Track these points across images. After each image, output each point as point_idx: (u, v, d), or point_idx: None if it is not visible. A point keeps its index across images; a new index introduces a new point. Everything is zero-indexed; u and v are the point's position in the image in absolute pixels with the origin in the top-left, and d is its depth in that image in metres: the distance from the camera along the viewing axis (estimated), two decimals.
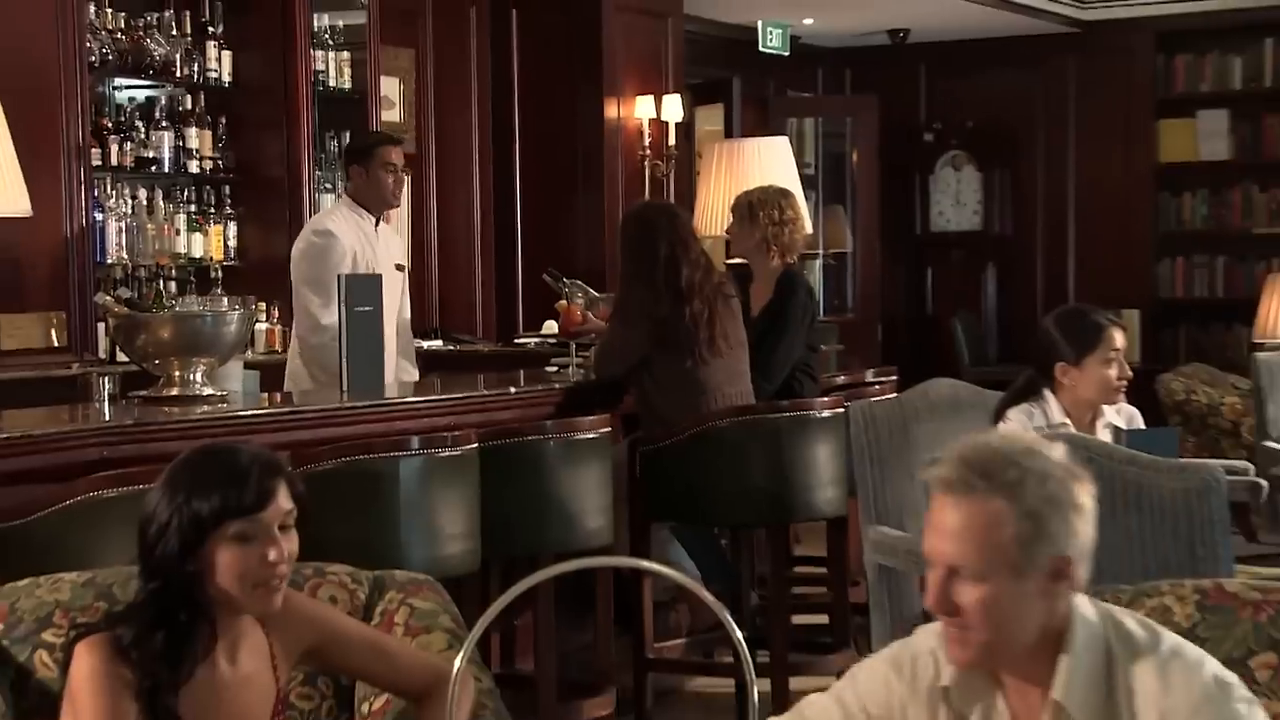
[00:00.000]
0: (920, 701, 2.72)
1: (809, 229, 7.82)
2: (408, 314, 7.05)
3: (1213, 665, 2.61)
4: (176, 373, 5.27)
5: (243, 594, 2.98)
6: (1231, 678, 2.60)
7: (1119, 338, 5.34)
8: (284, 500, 3.01)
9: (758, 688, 2.72)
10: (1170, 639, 2.64)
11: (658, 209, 7.33)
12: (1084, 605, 2.63)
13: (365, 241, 6.71)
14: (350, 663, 3.26)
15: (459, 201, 10.14)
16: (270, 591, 2.99)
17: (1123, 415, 5.43)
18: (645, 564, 2.67)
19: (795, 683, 6.00)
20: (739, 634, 2.35)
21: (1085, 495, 2.60)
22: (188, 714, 2.98)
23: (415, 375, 7.07)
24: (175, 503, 2.96)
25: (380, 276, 6.35)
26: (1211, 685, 2.56)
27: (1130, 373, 5.39)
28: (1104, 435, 5.16)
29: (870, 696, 2.76)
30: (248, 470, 2.99)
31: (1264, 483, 6.23)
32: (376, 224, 6.88)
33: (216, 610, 3.01)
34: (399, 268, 7.00)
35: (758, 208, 7.13)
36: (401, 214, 9.63)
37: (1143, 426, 5.53)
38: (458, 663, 2.35)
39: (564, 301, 7.51)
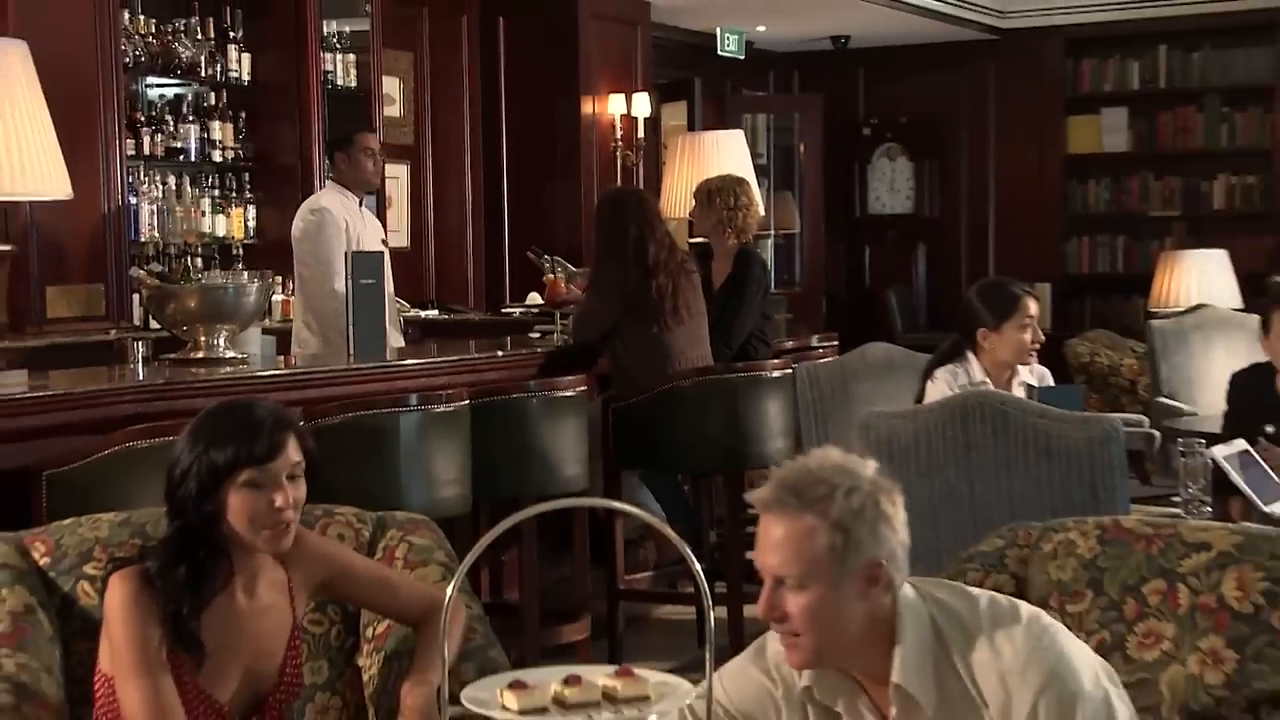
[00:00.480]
0: (793, 703, 2.71)
1: (762, 212, 7.82)
2: (391, 287, 7.01)
3: (1023, 610, 2.63)
4: (202, 338, 5.26)
5: (253, 534, 2.97)
6: (1037, 613, 2.62)
7: (1033, 306, 5.35)
8: (293, 452, 2.99)
9: (715, 614, 2.73)
10: (983, 601, 2.64)
11: (627, 194, 7.32)
12: (908, 594, 2.62)
13: (353, 218, 6.69)
14: (358, 594, 3.26)
15: (452, 187, 10.14)
16: (277, 534, 2.99)
17: (1035, 374, 5.45)
18: (617, 505, 2.68)
19: (749, 610, 6.01)
20: (699, 567, 2.34)
21: (892, 504, 2.59)
22: (209, 639, 2.98)
23: (400, 341, 7.05)
24: (196, 451, 2.95)
25: (382, 254, 6.35)
26: (1028, 633, 2.57)
27: (1042, 337, 5.40)
28: (1019, 392, 5.17)
29: (744, 702, 2.76)
30: (261, 424, 2.98)
31: (1157, 433, 6.25)
32: (360, 203, 6.85)
33: (232, 548, 3.00)
34: (383, 242, 6.95)
35: (716, 194, 7.13)
36: (400, 199, 9.64)
37: (1052, 384, 5.55)
38: (450, 591, 2.34)
39: (550, 276, 7.52)
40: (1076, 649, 2.60)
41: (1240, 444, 4.71)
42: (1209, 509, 4.41)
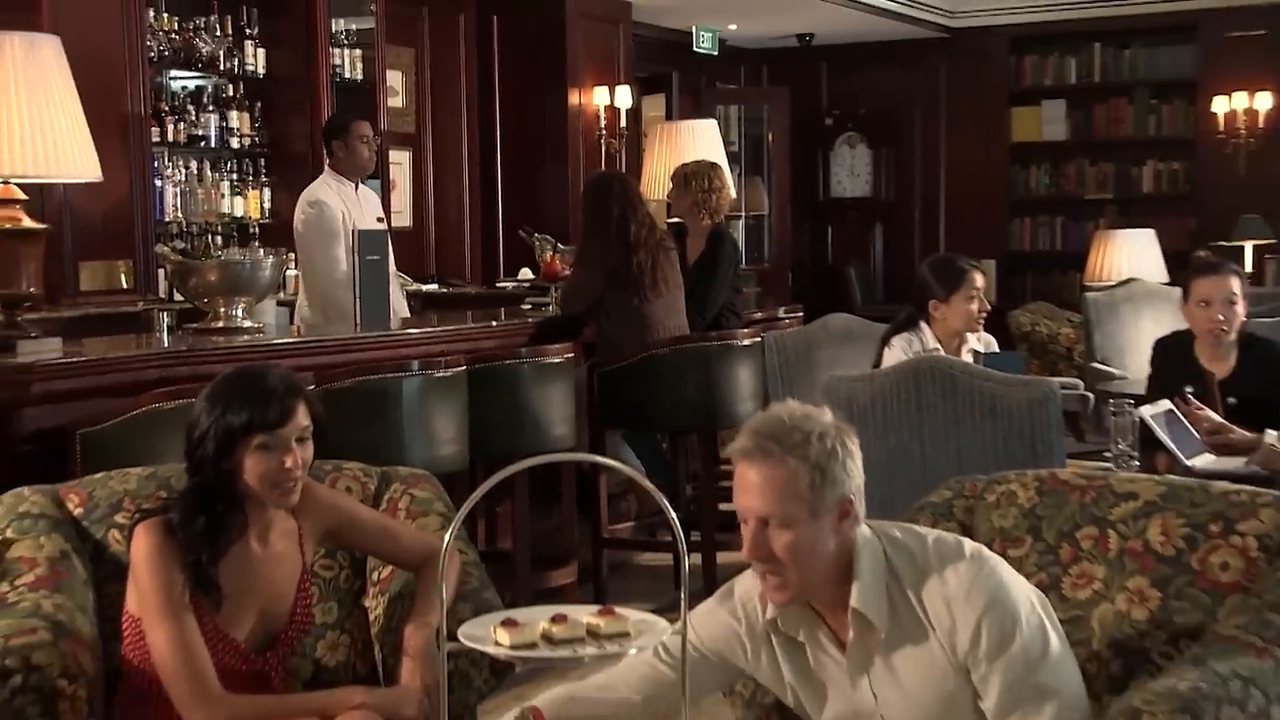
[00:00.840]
0: (757, 638, 2.74)
1: (733, 195, 7.84)
2: (393, 264, 6.99)
3: (966, 545, 2.66)
4: (221, 309, 5.24)
5: (263, 491, 2.98)
6: (979, 548, 2.66)
7: (979, 279, 5.35)
8: (302, 417, 3.00)
9: (690, 560, 2.73)
10: (930, 538, 2.67)
11: (611, 177, 7.30)
12: (865, 532, 2.65)
13: (348, 203, 6.62)
14: (363, 542, 3.26)
15: (450, 172, 10.13)
16: (286, 491, 3.00)
17: (981, 342, 5.45)
18: (601, 459, 2.68)
19: (721, 557, 6.05)
20: (675, 518, 2.34)
21: (853, 444, 2.62)
22: (226, 583, 2.99)
23: (406, 311, 7.04)
24: (213, 415, 2.96)
25: (385, 232, 6.33)
26: (970, 564, 2.60)
27: (988, 307, 5.41)
28: (966, 357, 5.18)
29: (713, 640, 2.79)
30: (273, 392, 2.98)
31: (1091, 395, 6.27)
32: (356, 188, 6.79)
33: (246, 501, 3.01)
34: (379, 220, 6.92)
35: (692, 178, 7.12)
36: (403, 182, 9.62)
37: (996, 351, 5.55)
38: (447, 539, 2.34)
39: (549, 254, 7.52)
40: (1014, 579, 2.63)
41: (1165, 404, 4.72)
42: (1136, 463, 4.42)
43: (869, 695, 2.65)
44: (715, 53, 12.78)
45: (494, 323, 6.46)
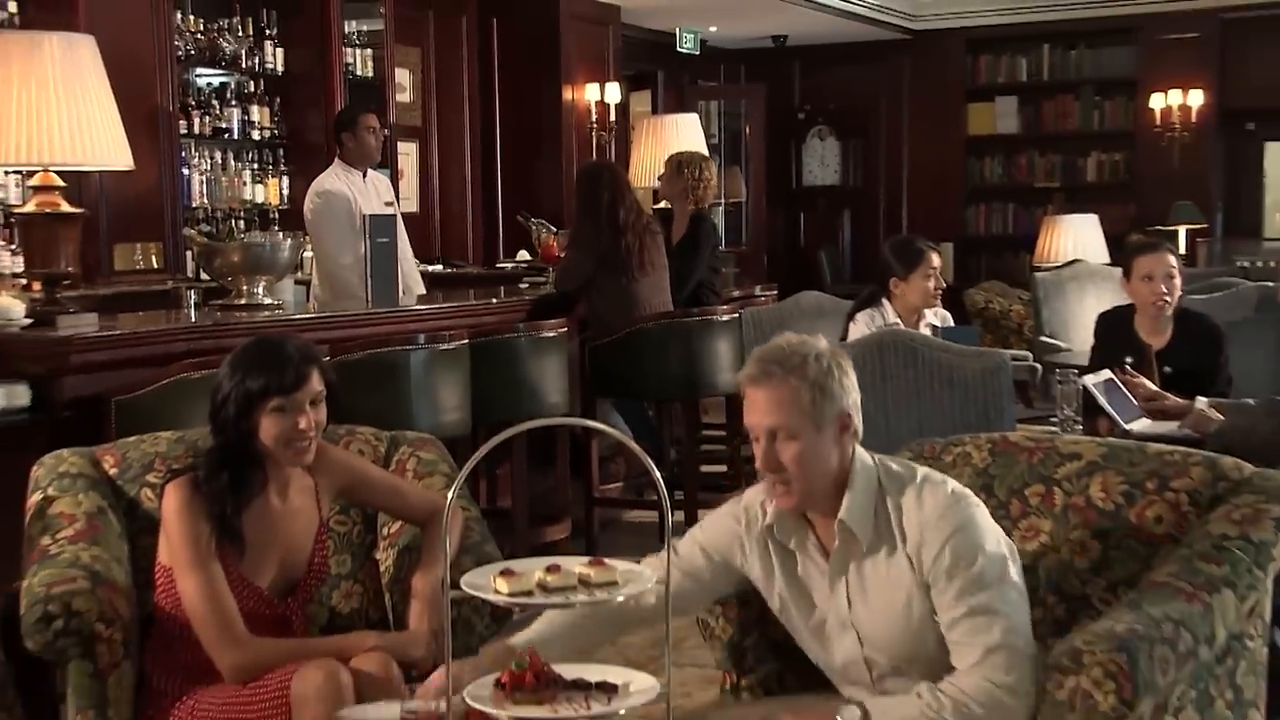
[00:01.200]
0: (753, 541, 2.78)
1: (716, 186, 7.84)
2: (408, 247, 6.96)
3: (952, 483, 2.69)
4: (244, 287, 5.23)
5: (279, 450, 2.99)
6: (966, 491, 2.68)
7: (936, 259, 5.37)
8: (316, 383, 3.00)
9: (674, 517, 2.74)
10: (922, 471, 2.72)
11: (602, 166, 7.29)
12: (862, 454, 2.70)
13: (355, 191, 6.56)
14: (374, 499, 3.27)
15: (454, 161, 10.09)
16: (300, 451, 3.00)
17: (938, 317, 5.47)
18: (592, 424, 2.68)
19: (702, 513, 6.03)
20: (660, 478, 2.34)
21: (848, 365, 2.69)
22: (249, 534, 3.00)
23: (422, 289, 7.02)
24: (234, 381, 2.97)
25: (395, 216, 6.31)
26: (950, 497, 2.64)
27: (944, 285, 5.42)
28: (925, 331, 5.19)
29: (716, 540, 2.84)
30: (289, 359, 2.99)
31: (1039, 366, 6.28)
32: (364, 176, 6.73)
33: (266, 459, 3.01)
34: (388, 205, 6.88)
35: (685, 165, 7.12)
36: (411, 171, 9.60)
37: (952, 325, 5.57)
38: (450, 497, 2.35)
39: (544, 237, 7.53)
40: (987, 519, 2.66)
41: (1106, 373, 4.73)
42: (1080, 427, 4.44)
43: (844, 601, 2.68)
44: (697, 52, 12.74)
45: (494, 300, 6.45)
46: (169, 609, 2.99)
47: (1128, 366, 4.80)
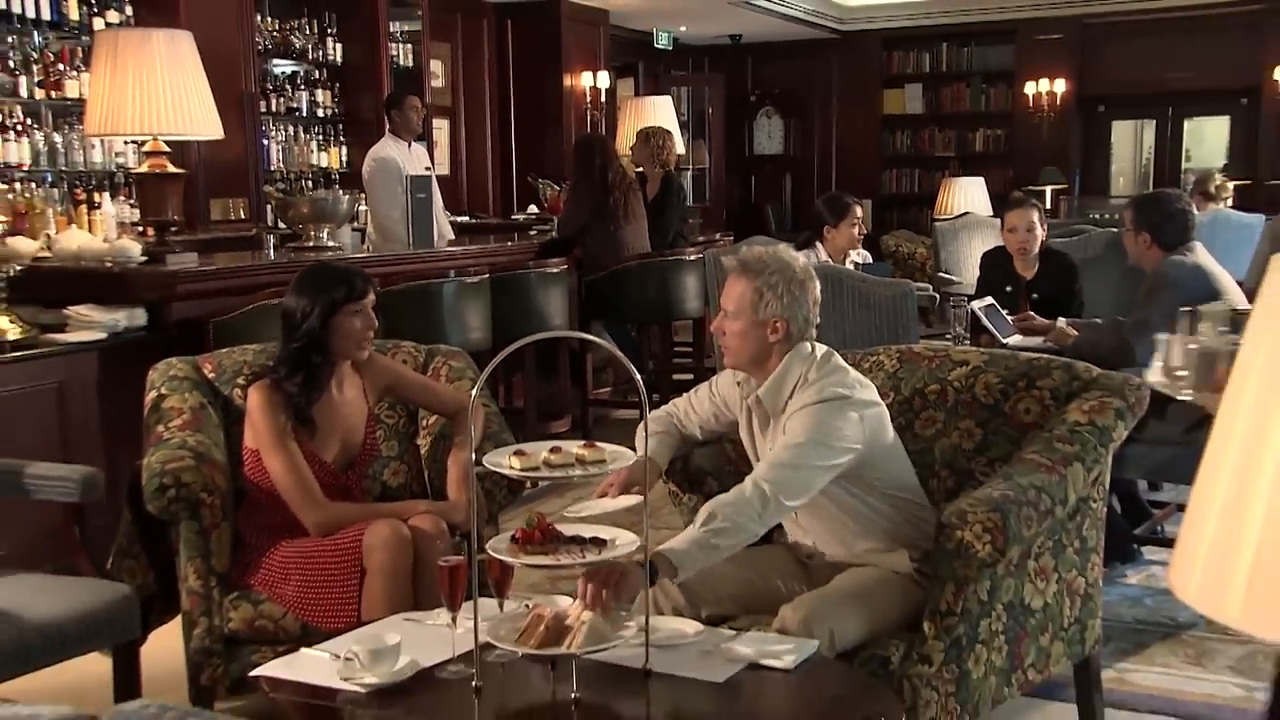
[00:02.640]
0: (739, 390, 2.80)
1: (681, 151, 7.78)
2: (441, 201, 6.91)
3: (852, 374, 2.66)
4: (312, 233, 5.19)
5: (351, 347, 3.00)
6: (847, 393, 2.59)
7: (859, 211, 5.35)
8: (372, 295, 3.02)
9: (653, 415, 2.74)
10: (838, 361, 2.68)
11: (594, 137, 7.24)
12: (802, 348, 2.66)
13: (402, 157, 6.50)
14: (410, 395, 3.26)
15: (477, 134, 10.02)
16: (367, 345, 3.03)
17: (860, 256, 5.46)
18: (587, 336, 2.68)
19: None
20: (641, 382, 2.34)
21: (803, 288, 2.65)
22: (319, 421, 3.01)
23: (452, 235, 6.98)
24: (315, 295, 2.97)
25: (431, 176, 6.26)
26: (827, 391, 2.58)
27: (865, 232, 5.41)
28: (849, 266, 5.18)
29: (723, 391, 2.86)
30: (355, 275, 3.03)
31: (937, 295, 6.29)
32: (409, 146, 6.66)
33: (330, 357, 3.01)
34: (427, 169, 6.83)
35: (651, 136, 7.07)
36: (444, 142, 9.52)
37: (871, 263, 5.57)
38: (474, 393, 2.33)
39: (553, 193, 7.49)
40: (847, 416, 2.56)
41: (988, 300, 4.73)
42: (967, 341, 4.45)
43: (769, 445, 2.69)
44: (670, 48, 12.66)
45: (509, 244, 6.43)
46: (255, 481, 3.00)
47: (1007, 292, 4.82)
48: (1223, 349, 3.12)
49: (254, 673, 2.40)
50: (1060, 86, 12.23)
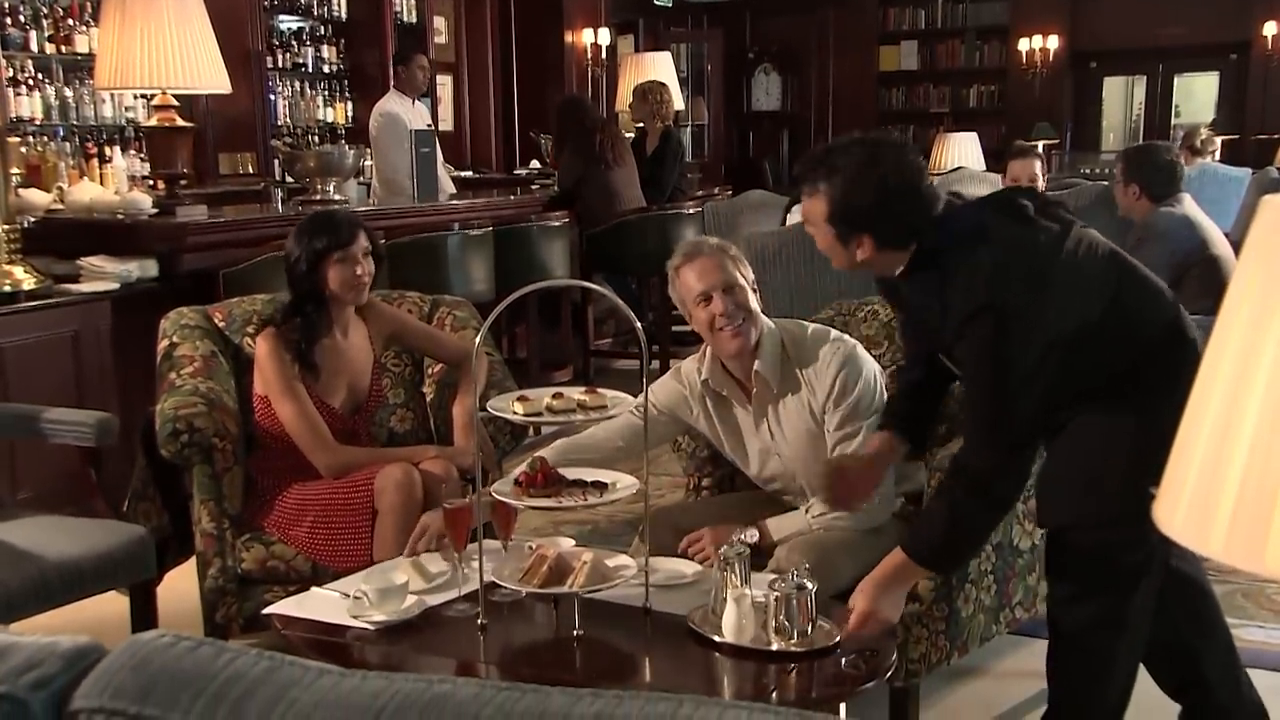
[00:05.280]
0: (695, 399, 2.74)
1: (679, 106, 7.71)
2: (441, 156, 6.88)
3: (832, 333, 2.67)
4: (318, 186, 5.16)
5: (342, 292, 2.99)
6: (841, 335, 2.65)
7: None
8: (363, 240, 3.01)
9: (651, 365, 2.73)
10: (810, 328, 2.68)
11: (571, 97, 7.42)
12: (768, 323, 2.64)
13: (406, 113, 6.42)
14: (416, 343, 3.26)
15: (480, 90, 9.90)
16: (358, 291, 3.01)
17: None
18: (588, 284, 2.66)
19: (672, 362, 6.06)
20: (643, 334, 2.34)
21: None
22: (322, 365, 3.02)
23: (453, 189, 6.96)
24: (303, 243, 2.98)
25: (433, 131, 6.22)
26: (833, 343, 2.61)
27: None
28: None
29: (667, 400, 2.77)
30: (343, 223, 3.01)
31: None
32: (414, 102, 6.60)
33: (330, 305, 3.01)
34: (428, 125, 6.78)
35: (648, 93, 7.01)
36: (448, 98, 9.44)
37: None
38: (477, 340, 2.34)
39: (551, 148, 7.48)
40: (864, 357, 2.64)
41: None
42: None
43: (768, 435, 2.68)
44: (670, 5, 12.52)
45: (511, 197, 6.41)
46: (266, 427, 3.00)
47: None
48: None
49: (266, 611, 2.43)
50: (1053, 43, 12.14)
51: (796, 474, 2.68)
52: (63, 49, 6.22)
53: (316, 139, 7.86)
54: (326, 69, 8.06)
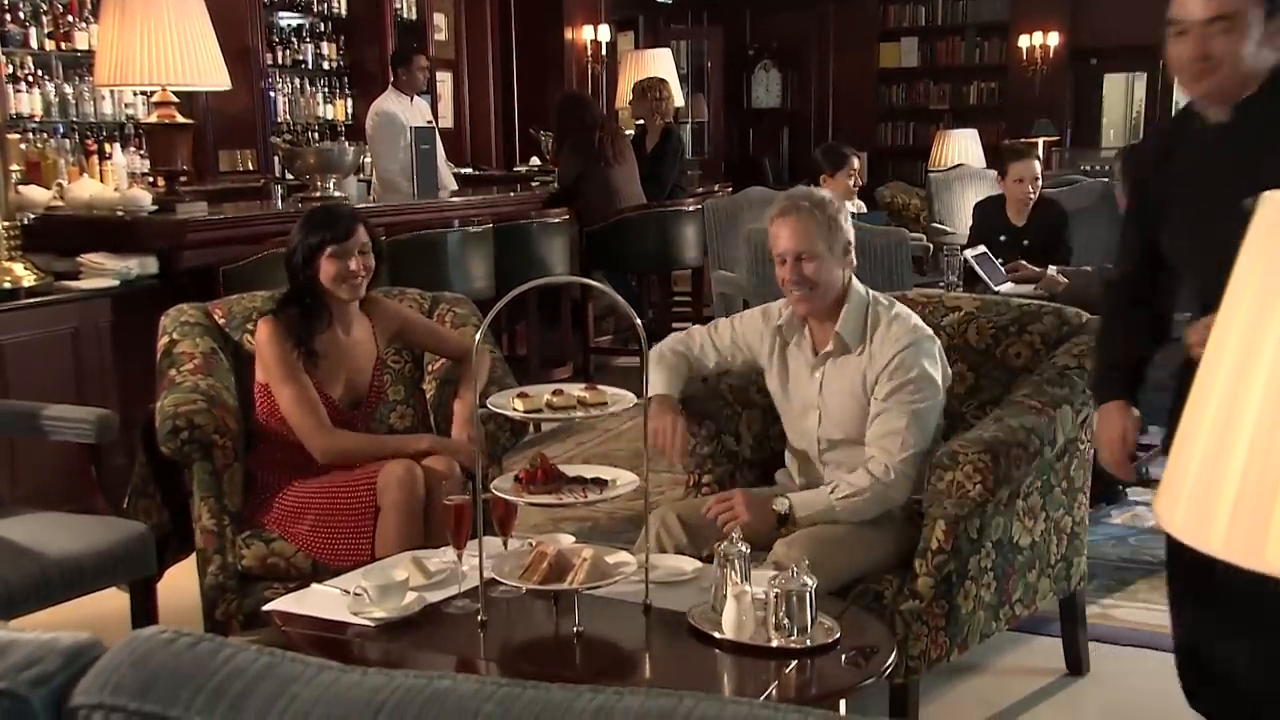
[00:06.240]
0: (769, 334, 2.80)
1: (679, 103, 7.70)
2: (443, 153, 6.87)
3: (916, 319, 2.67)
4: (318, 183, 5.15)
5: (336, 287, 2.99)
6: (926, 329, 2.66)
7: (856, 162, 5.33)
8: (361, 235, 3.01)
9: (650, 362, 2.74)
10: (900, 307, 2.70)
11: (571, 93, 7.34)
12: (857, 284, 2.69)
13: (404, 111, 6.42)
14: (418, 340, 3.27)
15: (480, 87, 9.90)
16: (353, 287, 3.01)
17: (855, 206, 5.44)
18: (588, 281, 2.66)
19: None
20: (643, 331, 2.33)
21: (847, 212, 2.70)
22: (323, 357, 3.02)
23: (455, 185, 6.95)
24: (301, 236, 2.99)
25: (434, 128, 6.21)
26: (914, 329, 2.63)
27: (861, 183, 5.38)
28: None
29: (746, 331, 2.85)
30: (340, 217, 3.02)
31: (930, 245, 6.27)
32: (412, 100, 6.59)
33: (330, 300, 3.02)
34: (429, 122, 6.77)
35: (647, 90, 6.99)
36: (448, 95, 9.43)
37: (866, 212, 5.55)
38: (477, 337, 2.34)
39: (551, 145, 7.45)
40: (936, 351, 2.63)
41: (981, 248, 4.72)
42: (960, 288, 4.44)
43: (817, 388, 2.71)
44: (670, 2, 12.52)
45: (511, 194, 6.40)
46: (266, 420, 3.00)
47: (1001, 241, 4.81)
48: None
49: (266, 607, 2.43)
50: (1053, 40, 12.13)
51: (828, 434, 2.69)
52: (62, 46, 6.21)
53: (316, 136, 7.86)
54: (326, 66, 8.05)
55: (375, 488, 2.82)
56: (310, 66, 7.95)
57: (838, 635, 2.12)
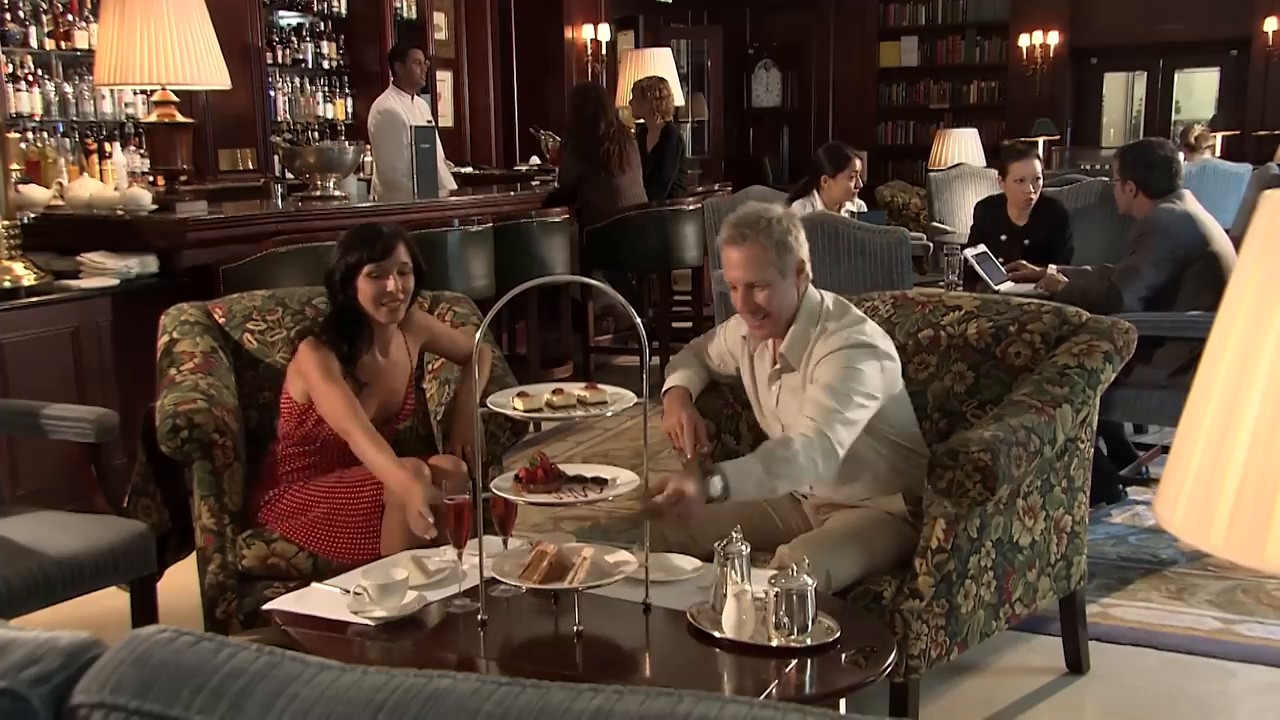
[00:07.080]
0: (741, 343, 2.81)
1: (680, 102, 7.68)
2: (442, 152, 6.85)
3: (868, 325, 2.61)
4: (318, 182, 5.17)
5: (373, 309, 2.93)
6: (867, 339, 2.56)
7: (857, 163, 5.32)
8: (402, 255, 2.94)
9: (651, 362, 2.74)
10: (851, 316, 2.64)
11: (589, 86, 7.15)
12: (813, 293, 2.65)
13: (405, 109, 6.41)
14: (440, 347, 3.22)
15: (480, 86, 9.90)
16: (391, 309, 2.95)
17: (856, 206, 5.43)
18: (588, 280, 2.65)
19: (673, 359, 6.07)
20: (642, 331, 2.33)
21: (799, 223, 2.63)
22: (365, 378, 2.96)
23: (454, 185, 6.94)
24: (340, 254, 2.94)
25: (434, 127, 6.20)
26: (844, 338, 2.56)
27: (862, 183, 5.37)
28: (846, 216, 5.15)
29: (730, 344, 2.87)
30: (380, 235, 2.94)
31: (930, 244, 6.26)
32: (412, 98, 6.58)
33: (372, 322, 2.96)
34: (428, 121, 6.77)
35: (647, 89, 6.97)
36: (448, 94, 9.43)
37: (866, 211, 5.54)
38: (478, 336, 2.33)
39: (556, 144, 7.42)
40: (879, 361, 2.57)
41: (981, 247, 4.71)
42: (960, 287, 4.44)
43: (774, 399, 2.70)
44: (670, 1, 12.50)
45: (512, 193, 6.39)
46: (292, 429, 2.96)
47: (1002, 240, 4.80)
48: None
49: (266, 606, 2.43)
50: (1054, 39, 12.13)
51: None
52: (62, 45, 6.21)
53: (316, 135, 7.87)
54: (326, 65, 8.05)
55: (382, 485, 2.80)
56: (310, 66, 7.95)
57: (838, 635, 2.12)
